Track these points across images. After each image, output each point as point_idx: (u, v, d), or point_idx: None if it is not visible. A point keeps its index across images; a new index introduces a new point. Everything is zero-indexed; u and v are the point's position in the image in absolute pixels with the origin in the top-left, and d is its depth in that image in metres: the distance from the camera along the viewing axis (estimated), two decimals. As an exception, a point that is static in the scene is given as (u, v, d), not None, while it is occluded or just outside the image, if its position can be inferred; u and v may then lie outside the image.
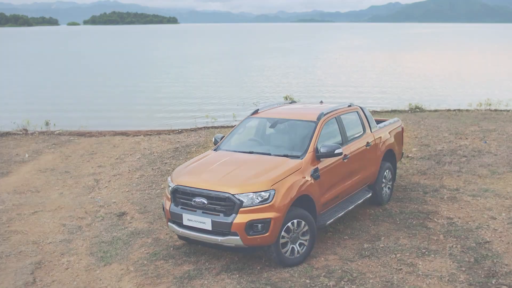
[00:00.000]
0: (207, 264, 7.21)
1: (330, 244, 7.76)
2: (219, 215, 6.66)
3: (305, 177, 7.11)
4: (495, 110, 19.49)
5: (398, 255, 7.26)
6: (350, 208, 8.16)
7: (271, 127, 8.35)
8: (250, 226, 6.53)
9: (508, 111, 19.19)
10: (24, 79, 36.61)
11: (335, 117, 8.23)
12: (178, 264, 7.23)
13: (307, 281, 6.62)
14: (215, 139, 8.46)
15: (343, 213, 7.97)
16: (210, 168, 7.32)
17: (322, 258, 7.28)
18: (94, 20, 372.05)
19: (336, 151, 7.40)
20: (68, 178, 11.51)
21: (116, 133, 16.57)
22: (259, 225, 6.53)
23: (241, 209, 6.54)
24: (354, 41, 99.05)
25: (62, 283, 6.81)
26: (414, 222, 8.44)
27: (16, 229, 8.55)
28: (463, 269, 6.86)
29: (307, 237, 7.09)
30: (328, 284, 6.50)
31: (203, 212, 6.77)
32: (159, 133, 16.58)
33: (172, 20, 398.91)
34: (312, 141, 7.55)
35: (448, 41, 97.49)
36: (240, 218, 6.52)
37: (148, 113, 22.18)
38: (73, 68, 46.46)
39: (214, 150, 8.19)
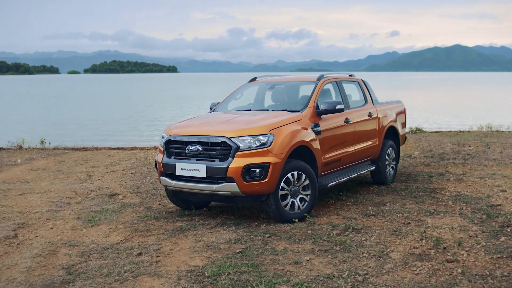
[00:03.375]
0: (201, 221, 6.76)
1: (333, 208, 7.33)
2: (214, 161, 6.27)
3: (305, 129, 6.77)
4: (497, 131, 19.22)
5: (405, 215, 6.82)
6: (352, 175, 7.78)
7: (270, 89, 8.08)
8: (247, 171, 6.13)
9: (510, 131, 18.90)
10: (20, 109, 36.79)
11: (336, 81, 7.98)
12: (171, 222, 6.79)
13: (309, 231, 6.16)
14: (211, 106, 8.18)
15: (345, 178, 7.58)
16: (205, 120, 6.99)
17: (325, 217, 6.84)
18: (94, 69, 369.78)
19: (338, 107, 7.10)
20: (60, 174, 11.10)
21: (111, 148, 16.23)
22: (257, 170, 6.13)
23: (237, 153, 6.16)
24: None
25: (45, 237, 6.33)
26: (420, 194, 8.03)
27: (1, 204, 8.10)
28: (476, 222, 6.42)
29: (308, 192, 6.67)
30: (332, 233, 6.04)
31: (197, 160, 6.38)
32: (156, 147, 16.25)
33: (172, 69, 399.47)
34: (312, 97, 7.27)
35: (446, 84, 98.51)
36: (237, 162, 6.13)
37: (145, 132, 22.31)
38: (69, 101, 47.30)
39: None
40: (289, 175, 6.45)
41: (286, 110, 7.16)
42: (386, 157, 8.78)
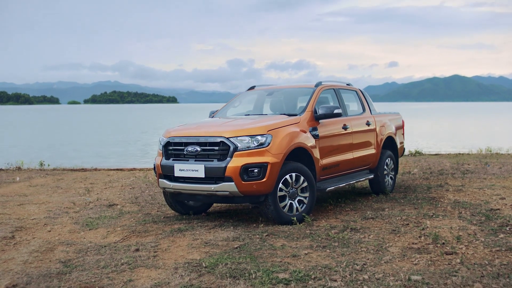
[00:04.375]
0: (199, 223, 6.74)
1: (331, 213, 7.31)
2: (212, 161, 6.30)
3: (304, 132, 6.82)
4: (496, 153, 19.23)
5: (404, 217, 6.80)
6: (351, 182, 7.79)
7: (268, 96, 8.16)
8: (246, 170, 6.14)
9: (510, 153, 18.91)
10: (18, 135, 36.92)
11: (334, 89, 8.06)
12: (169, 224, 6.77)
13: (307, 231, 6.14)
14: (210, 113, 8.26)
15: (344, 184, 7.58)
16: (203, 123, 7.05)
17: (323, 220, 6.82)
18: (94, 99, 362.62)
19: (335, 111, 7.15)
20: (58, 189, 11.08)
21: (110, 169, 16.23)
22: (255, 170, 6.14)
23: (236, 153, 6.19)
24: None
25: (42, 238, 6.31)
26: (419, 201, 8.02)
27: (-1, 212, 8.09)
28: (474, 223, 6.41)
29: (307, 194, 6.67)
30: (331, 232, 6.02)
31: (195, 160, 6.40)
32: (155, 168, 16.25)
33: (172, 100, 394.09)
34: (310, 101, 7.34)
35: (445, 113, 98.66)
36: (235, 162, 6.15)
37: (144, 155, 22.40)
38: (67, 128, 47.47)
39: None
40: (287, 176, 6.46)
41: (284, 114, 7.22)
42: (385, 167, 8.79)
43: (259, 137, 6.26)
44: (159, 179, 6.78)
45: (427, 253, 5.11)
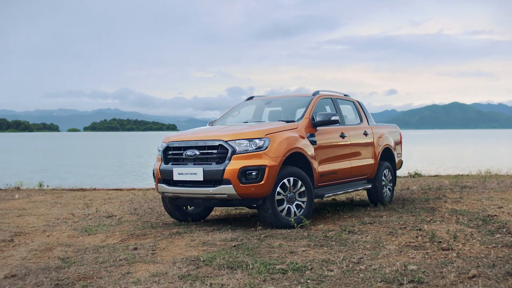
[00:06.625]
0: (198, 227, 6.77)
1: (330, 220, 7.34)
2: (211, 164, 6.36)
3: (302, 137, 6.89)
4: (496, 174, 19.25)
5: (401, 222, 6.83)
6: (349, 190, 7.83)
7: (266, 104, 8.25)
8: (244, 173, 6.19)
9: (509, 175, 18.91)
10: (16, 160, 36.88)
11: (331, 98, 8.16)
12: (167, 229, 6.79)
13: (305, 233, 6.17)
14: (208, 123, 8.35)
15: (342, 192, 7.63)
16: (202, 129, 7.14)
17: (321, 225, 6.84)
18: (94, 127, 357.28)
19: (333, 118, 7.24)
20: (57, 204, 11.11)
21: (109, 189, 16.24)
22: (253, 172, 6.20)
23: (234, 156, 6.25)
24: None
25: (42, 241, 6.33)
26: (417, 210, 8.04)
27: (-2, 222, 8.10)
28: (472, 226, 6.44)
29: (305, 199, 6.71)
30: (328, 235, 6.05)
31: (194, 164, 6.46)
32: (154, 188, 16.26)
33: (172, 127, 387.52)
34: (308, 109, 7.43)
35: (445, 140, 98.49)
36: (233, 165, 6.21)
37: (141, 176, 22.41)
38: (66, 154, 47.49)
39: (208, 128, 8.03)
40: (285, 180, 6.50)
41: (282, 121, 7.31)
42: (383, 177, 8.84)
43: (257, 141, 6.34)
44: (158, 184, 6.82)
45: (424, 249, 5.14)
